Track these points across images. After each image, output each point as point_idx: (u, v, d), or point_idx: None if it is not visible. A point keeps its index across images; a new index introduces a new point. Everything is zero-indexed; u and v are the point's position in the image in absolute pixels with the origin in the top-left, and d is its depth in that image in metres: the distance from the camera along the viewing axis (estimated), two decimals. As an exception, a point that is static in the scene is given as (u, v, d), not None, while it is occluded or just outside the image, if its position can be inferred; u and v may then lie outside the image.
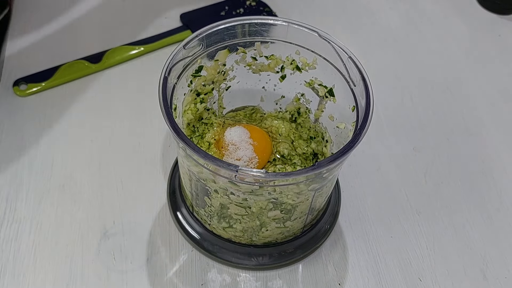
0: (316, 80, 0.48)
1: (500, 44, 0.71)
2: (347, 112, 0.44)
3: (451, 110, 0.63)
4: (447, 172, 0.57)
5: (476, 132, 0.61)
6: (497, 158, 0.59)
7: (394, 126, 0.61)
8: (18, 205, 0.51)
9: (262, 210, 0.43)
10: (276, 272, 0.49)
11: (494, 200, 0.55)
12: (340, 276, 0.49)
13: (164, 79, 0.41)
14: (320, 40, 0.44)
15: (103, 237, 0.49)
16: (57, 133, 0.57)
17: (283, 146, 0.51)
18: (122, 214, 0.51)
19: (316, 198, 0.44)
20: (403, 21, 0.73)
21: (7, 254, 0.48)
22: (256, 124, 0.53)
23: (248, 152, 0.47)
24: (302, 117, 0.52)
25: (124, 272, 0.48)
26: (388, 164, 0.57)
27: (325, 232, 0.51)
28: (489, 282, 0.49)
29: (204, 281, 0.47)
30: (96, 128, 0.57)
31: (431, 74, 0.67)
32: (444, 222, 0.53)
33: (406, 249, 0.51)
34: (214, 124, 0.51)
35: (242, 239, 0.48)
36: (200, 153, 0.37)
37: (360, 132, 0.39)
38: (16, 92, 0.60)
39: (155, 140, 0.57)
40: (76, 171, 0.54)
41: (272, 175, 0.39)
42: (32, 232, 0.49)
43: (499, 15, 0.74)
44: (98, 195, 0.52)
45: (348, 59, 0.43)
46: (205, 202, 0.45)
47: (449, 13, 0.75)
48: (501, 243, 0.52)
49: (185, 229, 0.50)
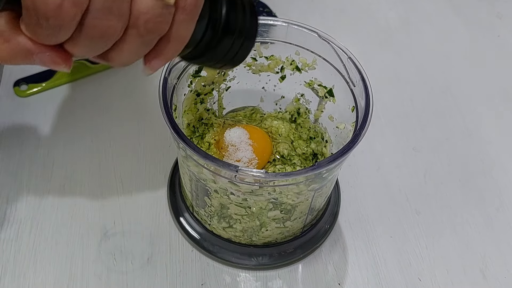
0: (315, 81, 0.48)
1: (500, 45, 0.71)
2: (346, 113, 0.44)
3: (451, 110, 0.63)
4: (446, 172, 0.57)
5: (476, 132, 0.61)
6: (497, 158, 0.59)
7: (394, 126, 0.61)
8: (18, 206, 0.51)
9: (262, 210, 0.43)
10: (276, 272, 0.49)
11: (494, 200, 0.55)
12: (340, 276, 0.49)
13: (164, 79, 0.41)
14: (320, 40, 0.44)
15: (103, 238, 0.50)
16: (58, 133, 0.57)
17: (283, 147, 0.51)
18: (122, 214, 0.51)
19: (316, 198, 0.44)
20: (403, 21, 0.73)
21: (8, 254, 0.48)
22: (256, 124, 0.53)
23: (248, 153, 0.47)
24: (302, 117, 0.52)
25: (125, 272, 0.48)
26: (388, 164, 0.57)
27: (325, 232, 0.51)
28: (488, 282, 0.49)
29: (204, 281, 0.48)
30: (96, 128, 0.58)
31: (431, 74, 0.67)
32: (444, 222, 0.53)
33: (405, 249, 0.51)
34: (214, 124, 0.51)
35: (242, 239, 0.48)
36: (200, 153, 0.37)
37: (360, 132, 0.39)
38: (16, 93, 0.60)
39: (155, 140, 0.57)
40: (76, 171, 0.54)
41: (272, 175, 0.39)
42: (33, 233, 0.49)
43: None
44: (98, 195, 0.52)
45: (347, 59, 0.43)
46: (205, 202, 0.45)
47: (449, 13, 0.75)
48: (501, 243, 0.52)
49: (185, 229, 0.50)
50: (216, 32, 0.33)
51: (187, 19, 0.30)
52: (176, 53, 0.31)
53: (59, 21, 0.25)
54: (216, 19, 0.32)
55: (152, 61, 0.31)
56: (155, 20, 0.28)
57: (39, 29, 0.25)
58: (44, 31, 0.25)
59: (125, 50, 0.28)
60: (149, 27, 0.28)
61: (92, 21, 0.26)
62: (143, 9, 0.27)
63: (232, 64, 0.36)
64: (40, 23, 0.25)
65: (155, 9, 0.27)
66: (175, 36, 0.30)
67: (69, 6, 0.24)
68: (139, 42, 0.28)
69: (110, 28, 0.27)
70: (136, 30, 0.28)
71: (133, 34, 0.28)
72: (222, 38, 0.33)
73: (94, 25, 0.26)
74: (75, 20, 0.25)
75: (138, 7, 0.27)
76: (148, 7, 0.27)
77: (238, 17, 0.33)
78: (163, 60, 0.31)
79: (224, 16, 0.32)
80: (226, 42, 0.33)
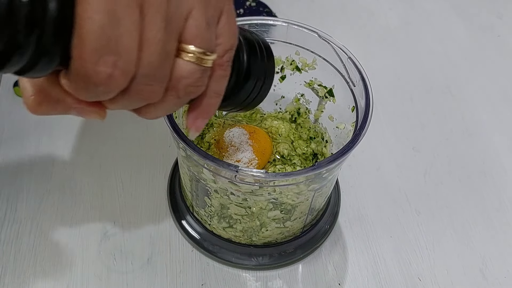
0: (315, 81, 0.48)
1: (500, 45, 0.71)
2: (346, 113, 0.44)
3: (451, 110, 0.63)
4: (446, 172, 0.57)
5: (476, 132, 0.61)
6: (497, 158, 0.59)
7: (393, 126, 0.61)
8: (18, 206, 0.51)
9: (262, 210, 0.43)
10: (276, 272, 0.49)
11: (494, 200, 0.55)
12: (340, 276, 0.49)
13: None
14: (320, 40, 0.44)
15: (103, 238, 0.50)
16: (58, 133, 0.57)
17: (283, 147, 0.51)
18: (122, 214, 0.51)
19: (316, 198, 0.44)
20: (403, 21, 0.73)
21: (8, 254, 0.48)
22: (256, 124, 0.53)
23: (248, 153, 0.47)
24: (302, 117, 0.52)
25: (125, 272, 0.48)
26: (388, 164, 0.57)
27: (325, 232, 0.51)
28: (488, 282, 0.49)
29: (204, 281, 0.48)
30: (96, 129, 0.58)
31: (431, 74, 0.67)
32: (444, 222, 0.53)
33: (405, 249, 0.51)
34: (214, 124, 0.51)
35: (242, 239, 0.48)
36: (200, 153, 0.37)
37: (360, 132, 0.39)
38: (16, 93, 0.60)
39: (155, 140, 0.57)
40: (76, 171, 0.54)
41: (272, 175, 0.39)
42: (33, 233, 0.49)
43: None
44: (98, 195, 0.52)
45: (347, 59, 0.43)
46: (205, 202, 0.45)
47: (449, 13, 0.75)
48: (501, 243, 0.52)
49: (185, 229, 0.50)
50: (239, 78, 0.34)
51: (223, 75, 0.30)
52: (216, 108, 0.32)
53: (107, 89, 0.25)
54: (239, 67, 0.33)
55: (196, 122, 0.32)
56: (195, 84, 0.28)
57: (84, 92, 0.25)
58: (89, 94, 0.25)
59: (159, 108, 0.29)
60: (189, 90, 0.28)
61: (137, 87, 0.26)
62: (184, 74, 0.27)
63: (253, 106, 0.37)
64: (87, 88, 0.25)
65: (195, 74, 0.28)
66: (214, 92, 0.30)
67: (119, 75, 0.25)
68: (176, 102, 0.29)
69: (153, 93, 0.27)
70: (175, 93, 0.28)
71: (172, 95, 0.28)
72: (245, 83, 0.34)
73: (138, 90, 0.26)
74: (122, 87, 0.26)
75: (179, 72, 0.27)
76: (189, 72, 0.27)
77: (257, 61, 0.34)
78: (206, 118, 0.32)
79: (246, 63, 0.34)
80: (249, 86, 0.35)
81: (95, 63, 0.24)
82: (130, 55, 0.24)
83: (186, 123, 0.32)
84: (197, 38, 0.27)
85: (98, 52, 0.23)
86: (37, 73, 0.24)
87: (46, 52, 0.23)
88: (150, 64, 0.25)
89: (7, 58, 0.22)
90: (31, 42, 0.22)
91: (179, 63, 0.27)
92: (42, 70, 0.24)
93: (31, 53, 0.22)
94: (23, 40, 0.22)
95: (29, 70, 0.23)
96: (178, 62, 0.27)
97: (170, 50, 0.26)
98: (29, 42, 0.22)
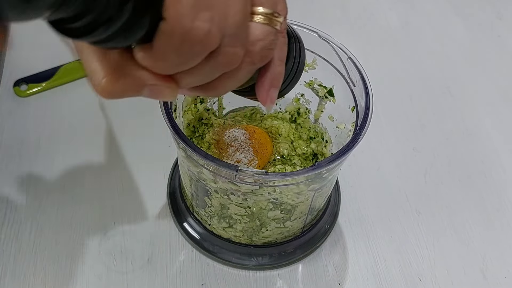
0: (315, 81, 0.48)
1: (500, 45, 0.71)
2: (346, 113, 0.44)
3: (451, 110, 0.63)
4: (446, 172, 0.57)
5: (475, 132, 0.61)
6: (497, 158, 0.59)
7: (393, 126, 0.61)
8: (18, 206, 0.51)
9: (262, 210, 0.43)
10: (276, 272, 0.49)
11: (494, 200, 0.55)
12: (340, 276, 0.49)
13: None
14: (320, 40, 0.44)
15: (103, 238, 0.50)
16: (58, 133, 0.57)
17: (283, 147, 0.51)
18: (122, 214, 0.51)
19: (316, 198, 0.44)
20: (403, 21, 0.73)
21: (8, 254, 0.48)
22: (256, 124, 0.53)
23: (248, 153, 0.47)
24: (302, 117, 0.52)
25: (125, 272, 0.48)
26: (387, 164, 0.57)
27: (325, 232, 0.51)
28: (488, 282, 0.49)
29: (204, 281, 0.48)
30: (96, 129, 0.58)
31: (431, 74, 0.67)
32: (444, 222, 0.53)
33: (406, 249, 0.51)
34: (214, 124, 0.51)
35: (242, 239, 0.48)
36: (200, 153, 0.37)
37: (360, 132, 0.39)
38: (16, 93, 0.60)
39: (155, 140, 0.57)
40: (76, 172, 0.54)
41: (272, 175, 0.39)
42: (33, 233, 0.49)
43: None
44: (98, 195, 0.52)
45: (347, 59, 0.43)
46: (205, 202, 0.45)
47: (448, 13, 0.75)
48: (501, 243, 0.52)
49: (185, 229, 0.50)
50: None
51: (284, 42, 0.31)
52: (282, 77, 0.32)
53: (203, 48, 0.25)
54: None
55: (270, 93, 0.32)
56: (269, 47, 0.28)
57: (168, 58, 0.25)
58: (176, 59, 0.25)
59: (233, 79, 0.29)
60: (264, 54, 0.28)
61: (223, 49, 0.26)
62: (260, 36, 0.28)
63: (299, 73, 0.36)
64: (178, 51, 0.24)
65: (269, 36, 0.28)
66: (279, 59, 0.31)
67: (216, 31, 0.25)
68: (249, 69, 0.29)
69: (235, 57, 0.27)
70: (250, 58, 0.28)
71: (247, 62, 0.28)
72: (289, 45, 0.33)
73: (224, 52, 0.26)
74: (215, 47, 0.25)
75: (255, 35, 0.28)
76: (263, 33, 0.28)
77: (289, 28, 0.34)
78: (277, 88, 0.32)
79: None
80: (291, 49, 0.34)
81: (193, 19, 0.24)
82: (223, 10, 0.25)
83: (260, 99, 0.32)
84: (266, 1, 0.28)
85: (196, 7, 0.23)
86: (122, 41, 0.24)
87: (142, 14, 0.23)
88: (235, 23, 0.26)
89: (107, 22, 0.22)
90: (129, 8, 0.22)
91: (254, 26, 0.28)
92: (130, 37, 0.24)
93: (127, 17, 0.23)
94: (119, 4, 0.22)
95: (118, 35, 0.23)
96: (252, 26, 0.28)
97: (248, 11, 0.27)
98: (126, 7, 0.22)
